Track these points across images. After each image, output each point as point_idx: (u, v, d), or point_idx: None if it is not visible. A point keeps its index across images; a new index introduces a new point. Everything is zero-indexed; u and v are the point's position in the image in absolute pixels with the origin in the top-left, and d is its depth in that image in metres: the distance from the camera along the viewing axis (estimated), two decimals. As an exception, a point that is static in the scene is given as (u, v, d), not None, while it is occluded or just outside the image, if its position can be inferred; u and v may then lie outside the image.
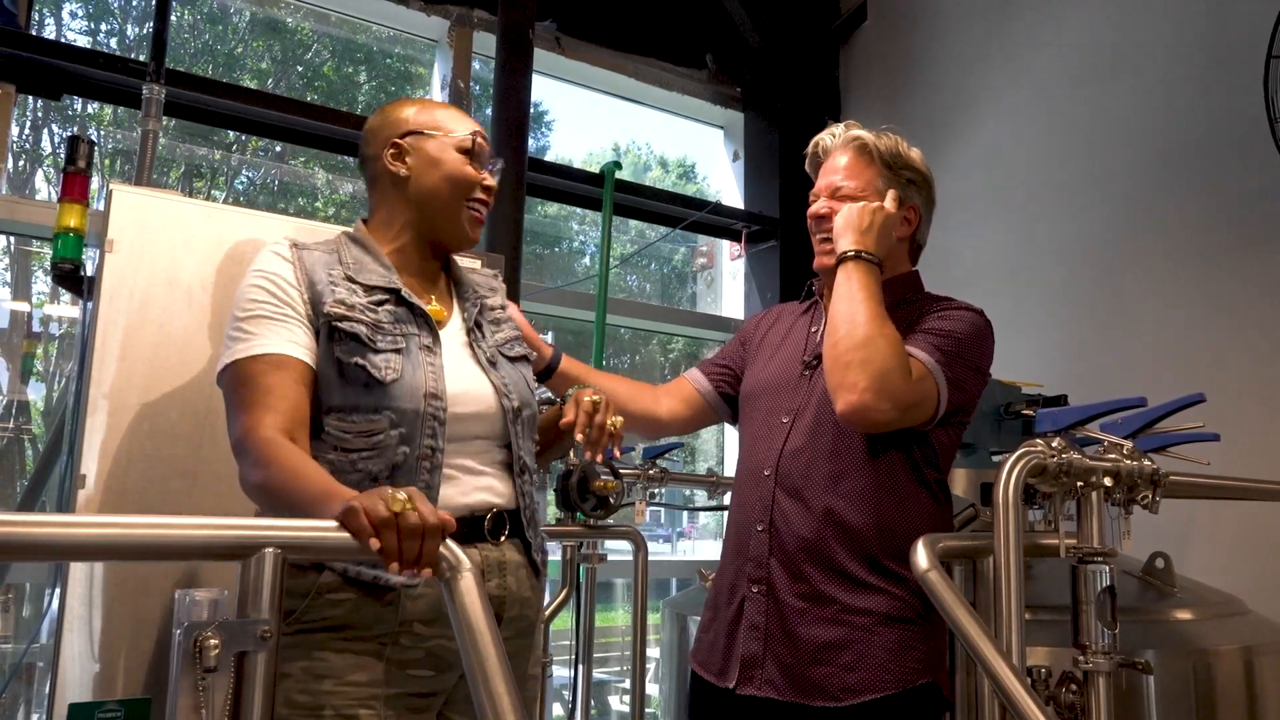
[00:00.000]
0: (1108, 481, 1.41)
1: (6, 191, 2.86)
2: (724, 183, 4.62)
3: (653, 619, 5.07)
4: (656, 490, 2.82)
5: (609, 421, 1.53)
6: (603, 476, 2.41)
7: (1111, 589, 1.41)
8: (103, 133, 3.85)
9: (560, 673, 3.19)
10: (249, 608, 0.85)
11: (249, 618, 0.85)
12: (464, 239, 1.58)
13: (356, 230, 1.59)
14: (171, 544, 0.84)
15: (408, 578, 1.10)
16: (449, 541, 0.95)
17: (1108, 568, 1.42)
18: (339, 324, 1.40)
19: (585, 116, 4.61)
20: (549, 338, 4.43)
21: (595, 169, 3.76)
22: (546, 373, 1.83)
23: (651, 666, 3.06)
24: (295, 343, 1.40)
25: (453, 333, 1.56)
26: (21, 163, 3.80)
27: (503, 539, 1.47)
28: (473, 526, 1.44)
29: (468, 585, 0.92)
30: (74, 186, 1.93)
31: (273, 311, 1.41)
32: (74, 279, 1.92)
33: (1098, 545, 1.42)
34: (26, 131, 3.85)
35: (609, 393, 1.84)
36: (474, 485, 1.46)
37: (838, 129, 1.78)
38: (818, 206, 1.76)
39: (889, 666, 1.54)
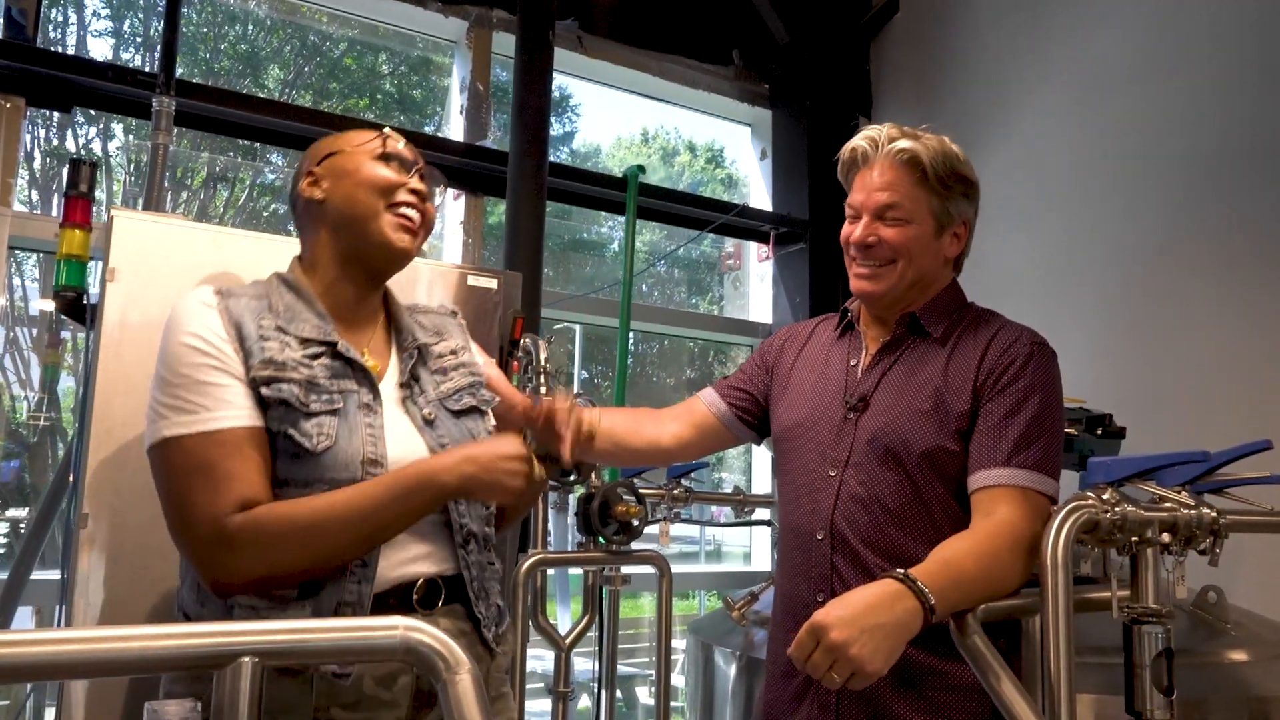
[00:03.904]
0: (1165, 537, 1.31)
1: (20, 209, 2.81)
2: (751, 183, 4.51)
3: (681, 607, 5.01)
4: (681, 510, 2.74)
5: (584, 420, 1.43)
6: (625, 500, 2.33)
7: (1169, 652, 1.31)
8: (130, 137, 3.82)
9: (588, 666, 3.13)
10: (224, 723, 0.77)
11: (224, 734, 0.77)
12: (388, 246, 1.40)
13: (290, 271, 1.44)
14: (136, 658, 0.76)
15: None
16: (444, 638, 0.87)
17: (1163, 629, 1.32)
18: (265, 389, 1.26)
19: (612, 104, 4.51)
20: (576, 346, 4.37)
21: (624, 153, 3.66)
22: None
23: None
24: (245, 409, 1.26)
25: (387, 388, 1.41)
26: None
27: (438, 607, 1.34)
28: (400, 599, 1.31)
29: (465, 689, 0.84)
30: (75, 210, 1.88)
31: (216, 377, 1.26)
32: (77, 308, 1.87)
33: (1153, 605, 1.32)
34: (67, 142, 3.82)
35: (606, 435, 1.74)
36: (408, 556, 1.33)
37: (878, 133, 1.57)
38: (861, 233, 1.55)
39: None
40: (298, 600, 1.25)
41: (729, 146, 4.92)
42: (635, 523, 2.36)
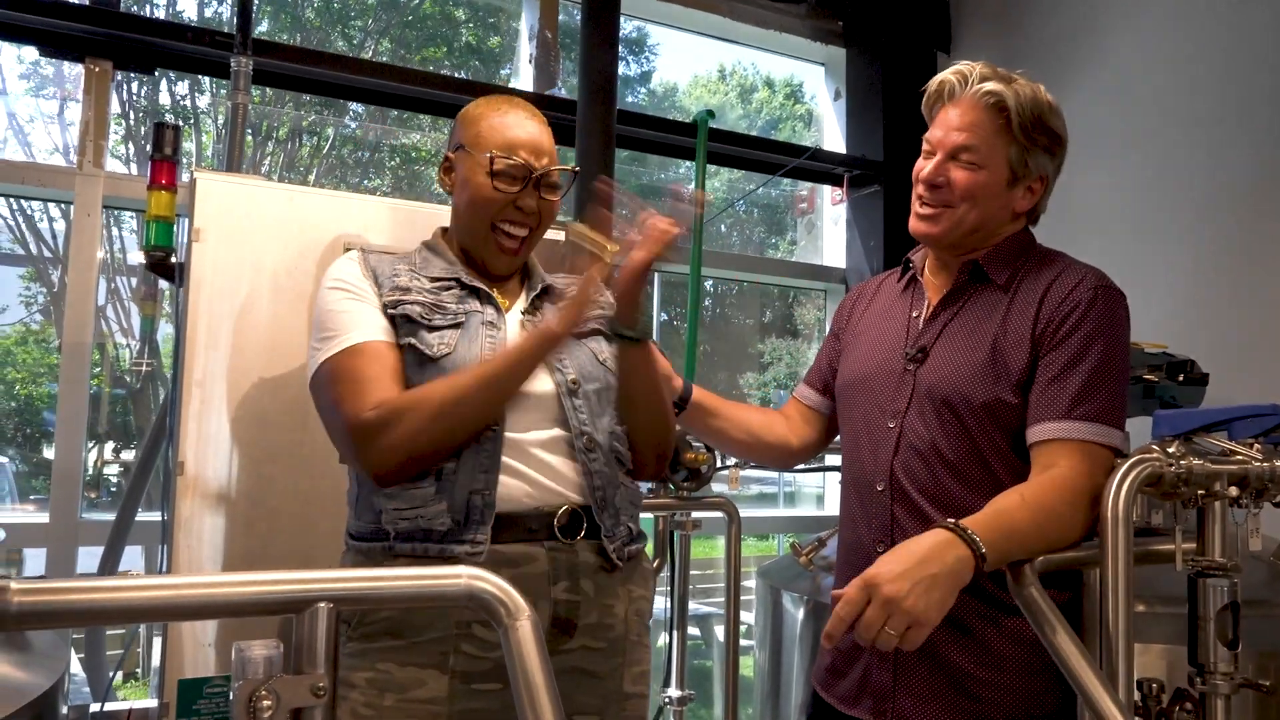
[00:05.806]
0: (1233, 491, 1.29)
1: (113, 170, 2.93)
2: (825, 124, 4.42)
3: (761, 548, 5.04)
4: (750, 456, 2.76)
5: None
6: (694, 447, 2.37)
7: (1234, 605, 1.30)
8: (221, 93, 3.93)
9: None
10: (303, 663, 0.84)
11: (303, 673, 0.84)
12: (489, 264, 1.53)
13: (433, 237, 1.60)
14: (221, 602, 0.83)
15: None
16: (505, 585, 0.92)
17: (1229, 582, 1.30)
18: (394, 310, 1.42)
19: (689, 42, 4.45)
20: (654, 290, 4.39)
21: (700, 91, 3.61)
22: (680, 404, 1.75)
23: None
24: (378, 325, 1.42)
25: (512, 316, 1.54)
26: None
27: (578, 539, 1.41)
28: (543, 524, 1.40)
29: (525, 634, 0.89)
30: (160, 173, 1.96)
31: (351, 305, 1.43)
32: (166, 267, 1.96)
33: (1220, 559, 1.30)
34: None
35: (743, 423, 1.79)
36: (542, 479, 1.41)
37: (969, 69, 1.53)
38: (931, 171, 1.53)
39: (1042, 699, 1.43)
40: (435, 495, 1.37)
41: (807, 81, 4.83)
42: (704, 469, 2.41)
